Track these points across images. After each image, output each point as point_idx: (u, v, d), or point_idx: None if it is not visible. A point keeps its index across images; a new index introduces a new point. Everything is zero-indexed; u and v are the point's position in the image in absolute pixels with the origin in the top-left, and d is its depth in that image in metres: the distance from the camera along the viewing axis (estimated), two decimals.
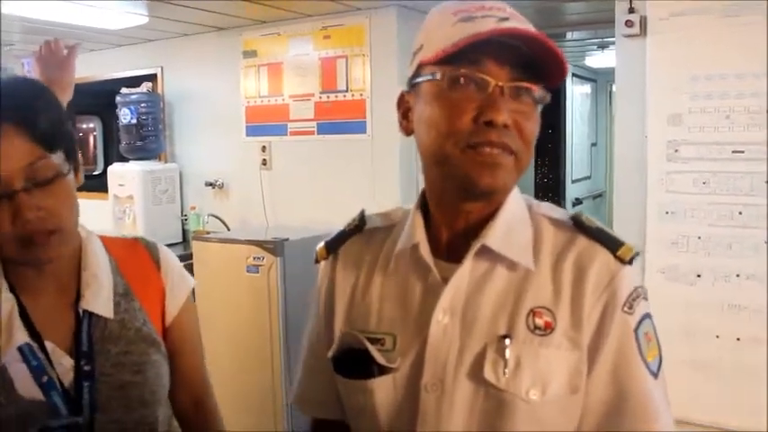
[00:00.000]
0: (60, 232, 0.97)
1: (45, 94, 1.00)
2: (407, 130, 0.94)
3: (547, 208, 0.96)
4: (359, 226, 1.04)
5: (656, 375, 0.87)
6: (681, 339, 2.61)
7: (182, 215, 4.17)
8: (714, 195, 2.59)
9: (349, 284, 0.99)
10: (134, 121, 4.01)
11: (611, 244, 0.89)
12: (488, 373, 0.85)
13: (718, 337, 2.60)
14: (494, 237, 0.89)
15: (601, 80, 6.89)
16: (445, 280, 0.90)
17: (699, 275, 2.63)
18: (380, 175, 3.37)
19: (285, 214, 3.74)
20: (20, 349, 0.97)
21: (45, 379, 0.98)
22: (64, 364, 1.00)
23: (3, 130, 0.91)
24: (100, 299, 1.05)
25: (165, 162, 4.22)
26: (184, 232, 4.15)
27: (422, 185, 0.97)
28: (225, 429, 1.26)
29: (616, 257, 0.88)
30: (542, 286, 0.88)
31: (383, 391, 0.90)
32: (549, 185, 5.93)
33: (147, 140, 4.05)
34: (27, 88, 0.99)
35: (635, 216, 2.74)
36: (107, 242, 1.12)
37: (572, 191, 6.03)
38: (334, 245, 1.04)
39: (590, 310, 0.86)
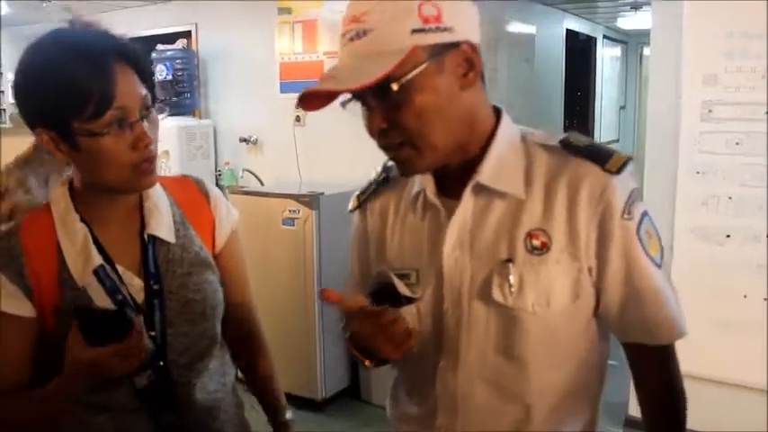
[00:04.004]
0: (156, 159, 1.08)
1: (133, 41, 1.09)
2: None
3: (541, 136, 1.02)
4: (384, 176, 1.15)
5: (660, 265, 0.97)
6: (709, 298, 2.66)
7: (216, 171, 4.26)
8: (746, 156, 2.60)
9: (379, 229, 1.12)
10: (169, 77, 4.08)
11: (599, 158, 0.95)
12: (497, 294, 0.97)
13: (745, 296, 2.64)
14: (486, 173, 0.98)
15: (632, 42, 6.82)
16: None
17: (728, 236, 2.66)
18: None
19: (318, 170, 3.80)
20: (95, 272, 1.08)
21: (120, 297, 1.08)
22: (134, 285, 1.11)
23: (120, 67, 1.01)
24: (163, 226, 1.15)
25: (200, 118, 4.29)
26: (219, 188, 4.22)
27: None
28: (272, 361, 1.36)
29: (605, 170, 0.94)
30: (536, 210, 0.96)
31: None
32: None
33: (182, 97, 4.12)
34: (118, 35, 1.07)
35: (666, 176, 2.76)
36: (159, 179, 1.21)
37: None
38: (364, 196, 1.16)
39: (587, 223, 0.94)
